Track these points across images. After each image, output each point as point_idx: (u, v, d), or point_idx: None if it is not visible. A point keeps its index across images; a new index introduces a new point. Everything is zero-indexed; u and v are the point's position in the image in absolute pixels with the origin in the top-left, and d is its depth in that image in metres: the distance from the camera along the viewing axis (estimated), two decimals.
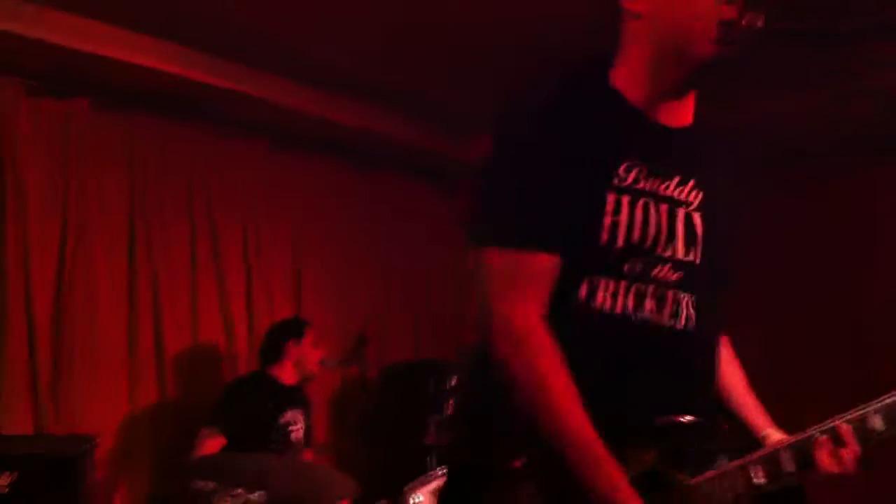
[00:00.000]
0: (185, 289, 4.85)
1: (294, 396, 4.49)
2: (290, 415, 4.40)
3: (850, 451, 1.63)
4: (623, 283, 1.66)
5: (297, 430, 4.42)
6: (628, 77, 1.74)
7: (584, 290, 1.65)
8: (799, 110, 4.48)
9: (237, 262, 5.08)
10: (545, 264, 1.63)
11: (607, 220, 1.64)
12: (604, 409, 1.57)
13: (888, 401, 1.65)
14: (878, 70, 1.52)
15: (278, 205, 5.30)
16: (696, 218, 1.75)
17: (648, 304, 1.68)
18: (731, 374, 1.91)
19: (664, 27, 1.70)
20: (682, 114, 1.79)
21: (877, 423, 1.64)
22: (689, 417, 1.65)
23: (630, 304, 1.67)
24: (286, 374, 4.50)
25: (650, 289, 1.68)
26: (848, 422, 1.64)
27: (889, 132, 3.88)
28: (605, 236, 1.64)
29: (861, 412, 1.65)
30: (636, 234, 1.66)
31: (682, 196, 1.74)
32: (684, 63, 1.71)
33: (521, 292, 1.61)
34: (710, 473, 1.65)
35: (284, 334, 4.55)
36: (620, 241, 1.65)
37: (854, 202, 5.45)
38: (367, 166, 5.74)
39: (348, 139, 5.41)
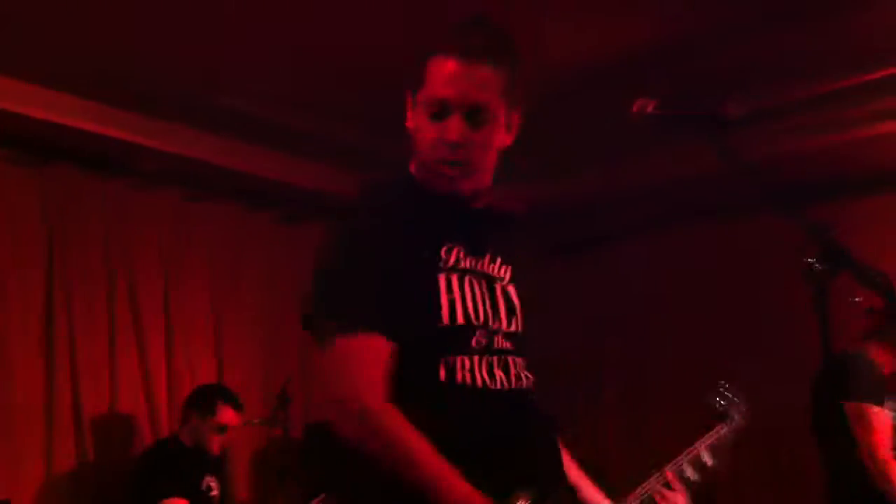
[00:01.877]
0: (103, 348, 4.75)
1: (210, 462, 4.43)
2: (207, 481, 4.37)
3: (681, 495, 2.05)
4: (475, 358, 1.75)
5: (215, 496, 4.39)
6: (420, 172, 1.88)
7: (442, 371, 1.72)
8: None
9: (156, 320, 5.00)
10: (382, 348, 1.70)
11: (444, 300, 1.75)
12: (480, 479, 1.63)
13: (692, 454, 2.22)
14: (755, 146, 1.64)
15: (197, 259, 5.25)
16: (511, 291, 1.87)
17: (498, 373, 1.78)
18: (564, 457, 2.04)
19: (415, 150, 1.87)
20: (475, 197, 1.90)
21: (688, 471, 2.18)
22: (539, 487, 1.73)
23: (485, 376, 1.76)
24: (188, 440, 4.44)
25: (495, 359, 1.78)
26: (670, 469, 2.13)
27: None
28: (445, 315, 1.74)
29: (678, 462, 2.18)
30: (471, 308, 1.77)
31: (495, 272, 1.85)
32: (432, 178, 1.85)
33: (364, 376, 1.67)
34: None
35: (193, 402, 4.49)
36: (461, 318, 1.75)
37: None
38: (288, 218, 5.71)
39: (268, 190, 5.41)
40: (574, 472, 2.01)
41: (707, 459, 2.30)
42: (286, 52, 4.14)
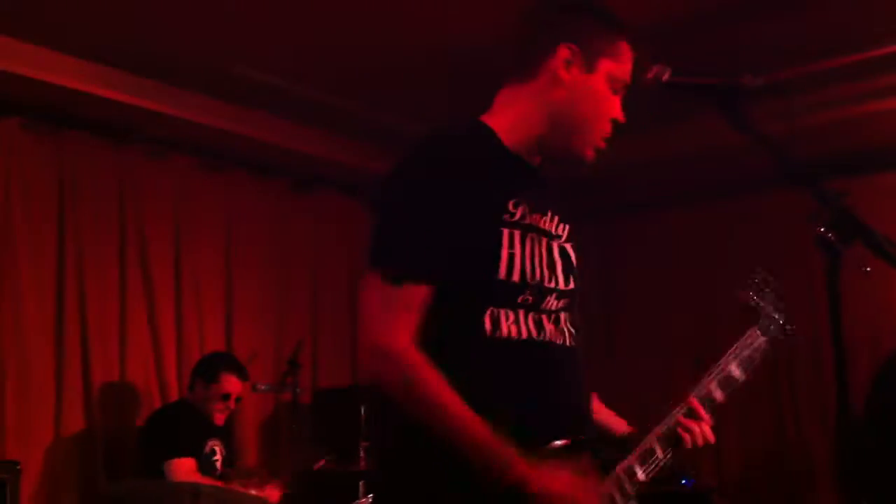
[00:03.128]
0: (114, 314, 4.78)
1: (214, 426, 4.46)
2: (211, 445, 4.41)
3: (706, 422, 1.90)
4: (521, 313, 1.76)
5: (218, 461, 4.42)
6: (506, 126, 1.87)
7: (487, 323, 1.72)
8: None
9: (167, 287, 5.02)
10: (419, 295, 1.71)
11: (504, 254, 1.74)
12: (518, 428, 1.65)
13: (717, 371, 1.98)
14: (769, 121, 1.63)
15: (209, 227, 5.26)
16: (568, 248, 1.88)
17: (549, 326, 1.79)
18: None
19: (569, 111, 1.86)
20: (536, 157, 1.92)
21: (717, 393, 1.95)
22: (582, 436, 1.76)
23: (532, 329, 1.76)
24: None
25: (543, 316, 1.79)
26: (696, 397, 1.92)
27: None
28: (503, 269, 1.73)
29: (703, 386, 1.95)
30: (528, 267, 1.76)
31: (554, 229, 1.86)
32: (560, 147, 1.88)
33: (394, 319, 1.69)
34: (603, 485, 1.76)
35: (198, 370, 4.52)
36: (516, 275, 1.75)
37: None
38: (301, 186, 5.73)
39: (280, 158, 5.41)
40: (599, 408, 2.08)
41: (737, 373, 1.99)
42: (302, 23, 4.12)
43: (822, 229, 1.39)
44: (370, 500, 3.91)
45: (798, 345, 5.40)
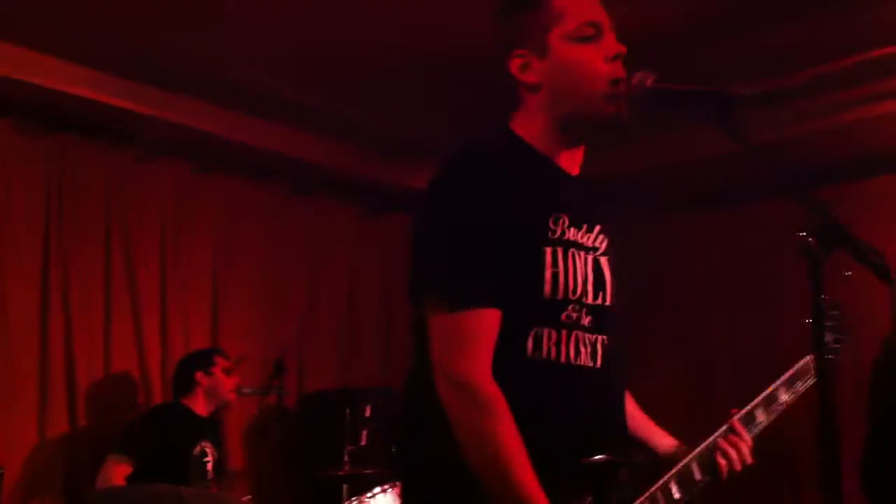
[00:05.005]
0: (98, 316, 4.76)
1: (207, 428, 4.46)
2: (202, 446, 4.38)
3: (745, 444, 1.93)
4: (563, 332, 1.74)
5: (210, 462, 4.40)
6: (531, 134, 1.85)
7: (530, 343, 1.71)
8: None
9: (153, 290, 4.99)
10: (487, 321, 1.69)
11: (548, 273, 1.72)
12: (552, 454, 1.66)
13: (764, 395, 2.04)
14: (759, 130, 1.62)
15: (197, 231, 5.24)
16: (603, 262, 1.82)
17: (582, 349, 1.76)
18: (631, 406, 2.01)
19: (561, 94, 1.81)
20: (575, 163, 1.89)
21: (760, 415, 1.99)
22: (609, 457, 1.72)
23: (571, 351, 1.74)
24: (199, 405, 4.47)
25: (578, 334, 1.76)
26: (739, 419, 1.96)
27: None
28: (547, 288, 1.72)
29: (748, 408, 1.99)
30: (572, 283, 1.74)
31: (591, 242, 1.81)
32: (583, 123, 1.83)
33: (469, 352, 1.66)
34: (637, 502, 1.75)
35: (194, 365, 4.52)
36: (561, 293, 1.73)
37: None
38: (289, 191, 5.71)
39: (270, 163, 5.40)
40: (643, 424, 2.00)
41: (783, 396, 2.06)
42: (298, 28, 4.11)
43: (804, 234, 1.39)
44: (353, 502, 3.91)
45: (788, 351, 5.46)
